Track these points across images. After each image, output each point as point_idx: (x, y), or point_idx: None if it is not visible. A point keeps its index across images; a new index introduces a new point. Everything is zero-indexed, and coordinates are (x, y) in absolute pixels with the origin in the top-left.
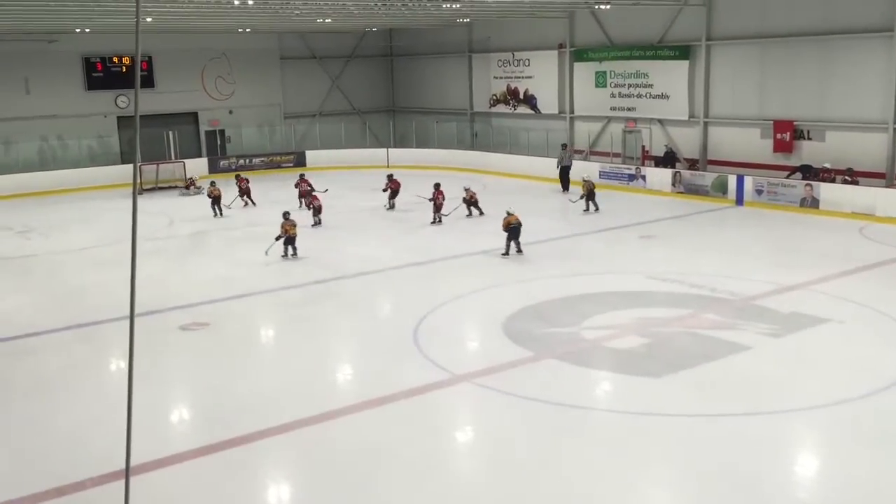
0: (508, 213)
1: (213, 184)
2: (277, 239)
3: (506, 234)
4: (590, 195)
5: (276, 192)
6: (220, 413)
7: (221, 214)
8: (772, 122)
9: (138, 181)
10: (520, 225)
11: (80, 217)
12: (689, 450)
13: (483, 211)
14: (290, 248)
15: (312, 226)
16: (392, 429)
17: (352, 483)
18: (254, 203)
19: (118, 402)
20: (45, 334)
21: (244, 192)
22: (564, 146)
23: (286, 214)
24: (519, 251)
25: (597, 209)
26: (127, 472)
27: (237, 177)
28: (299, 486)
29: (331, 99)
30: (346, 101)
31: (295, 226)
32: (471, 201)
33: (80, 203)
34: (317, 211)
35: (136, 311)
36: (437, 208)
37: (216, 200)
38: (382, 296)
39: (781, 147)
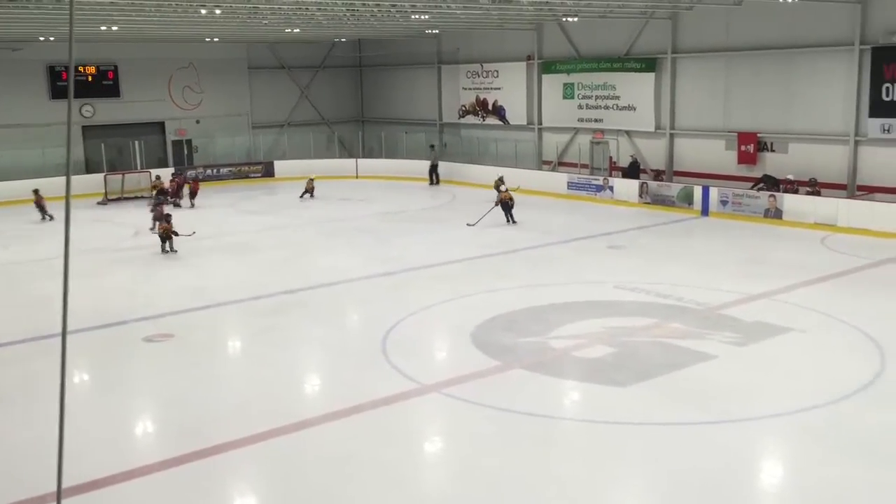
0: (504, 191)
1: (158, 177)
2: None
3: (501, 208)
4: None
5: (246, 203)
6: (185, 425)
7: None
8: (736, 133)
9: (104, 190)
10: (511, 200)
11: (42, 227)
12: (656, 458)
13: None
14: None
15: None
16: (360, 439)
17: (319, 494)
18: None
19: (78, 415)
20: (4, 346)
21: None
22: (433, 147)
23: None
24: (513, 222)
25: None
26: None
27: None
28: (266, 498)
29: (299, 109)
30: (314, 111)
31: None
32: (308, 189)
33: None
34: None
35: (101, 322)
36: (174, 194)
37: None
38: (351, 306)
39: (745, 159)
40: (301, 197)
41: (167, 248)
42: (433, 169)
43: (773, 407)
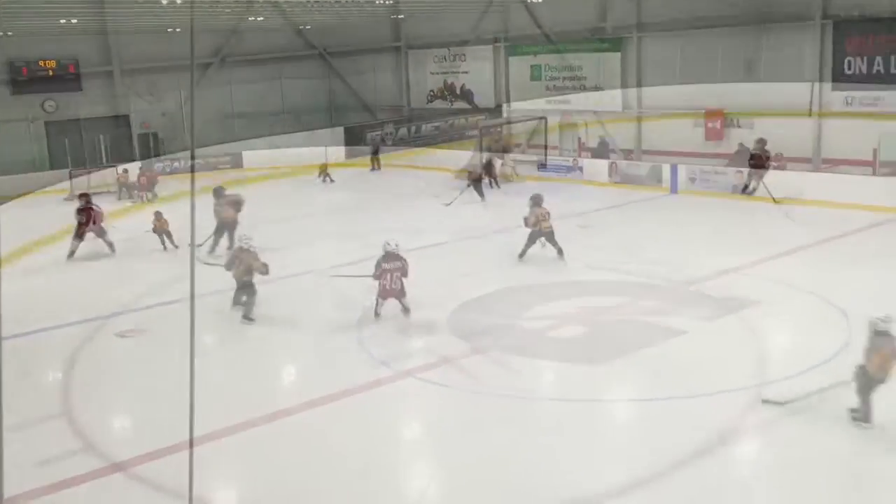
0: (469, 173)
1: (125, 170)
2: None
3: (474, 188)
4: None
5: (209, 197)
6: (158, 420)
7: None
8: (703, 111)
9: (70, 186)
10: (480, 178)
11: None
12: (632, 433)
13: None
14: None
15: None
16: (337, 427)
17: (298, 483)
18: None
19: (46, 415)
20: None
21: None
22: (375, 133)
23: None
24: (483, 196)
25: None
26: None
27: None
28: (245, 489)
29: (266, 98)
30: (281, 100)
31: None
32: (324, 173)
33: (5, 211)
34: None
35: (72, 318)
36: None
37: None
38: (324, 294)
39: (713, 135)
40: (323, 181)
41: (167, 246)
42: (374, 153)
43: (745, 379)
